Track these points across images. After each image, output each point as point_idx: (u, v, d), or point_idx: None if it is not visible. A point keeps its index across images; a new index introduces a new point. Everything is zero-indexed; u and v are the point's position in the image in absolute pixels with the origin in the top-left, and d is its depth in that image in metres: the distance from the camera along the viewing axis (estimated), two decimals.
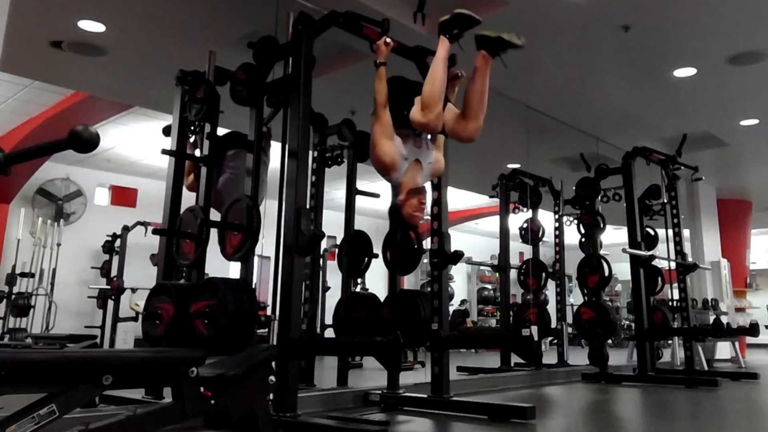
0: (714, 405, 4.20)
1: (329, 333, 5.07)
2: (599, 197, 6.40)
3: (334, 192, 7.66)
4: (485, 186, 6.95)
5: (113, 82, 5.80)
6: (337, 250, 4.53)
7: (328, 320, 4.90)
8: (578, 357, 6.76)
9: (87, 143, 1.33)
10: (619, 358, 7.54)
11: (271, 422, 1.94)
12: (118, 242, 8.19)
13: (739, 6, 4.23)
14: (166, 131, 3.80)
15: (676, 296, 6.23)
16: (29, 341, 6.70)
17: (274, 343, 2.88)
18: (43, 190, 8.77)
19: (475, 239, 12.45)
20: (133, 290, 7.75)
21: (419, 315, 3.72)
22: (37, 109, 6.91)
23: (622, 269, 7.42)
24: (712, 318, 7.13)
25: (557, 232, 6.73)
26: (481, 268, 13.62)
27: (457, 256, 3.61)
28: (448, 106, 3.02)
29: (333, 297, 4.97)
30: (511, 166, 6.84)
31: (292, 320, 2.87)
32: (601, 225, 6.31)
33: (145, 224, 7.64)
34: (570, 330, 6.91)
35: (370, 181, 5.02)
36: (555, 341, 7.24)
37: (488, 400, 3.69)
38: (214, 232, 3.20)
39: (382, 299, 4.01)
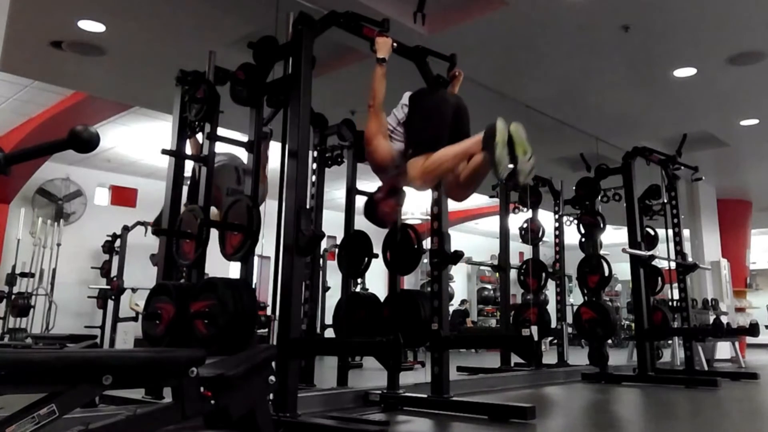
0: (714, 405, 4.20)
1: (329, 333, 5.07)
2: (599, 197, 6.40)
3: (334, 192, 7.66)
4: (485, 186, 6.92)
5: (113, 82, 5.80)
6: (337, 250, 4.53)
7: (328, 320, 4.90)
8: (578, 357, 6.76)
9: (87, 143, 1.33)
10: (619, 358, 7.54)
11: (271, 422, 1.93)
12: (118, 242, 8.19)
13: (739, 6, 4.23)
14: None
15: (676, 296, 6.23)
16: (29, 341, 6.70)
17: (274, 343, 2.88)
18: (43, 190, 8.77)
19: (475, 239, 12.45)
20: (133, 290, 7.75)
21: (419, 315, 3.72)
22: (37, 109, 6.91)
23: (622, 269, 7.42)
24: (712, 318, 7.13)
25: (557, 232, 6.72)
26: (481, 268, 13.62)
27: (457, 256, 3.61)
28: None
29: (333, 297, 4.97)
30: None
31: (292, 320, 2.87)
32: (601, 225, 6.31)
33: (145, 224, 7.64)
34: (570, 330, 6.90)
35: (370, 181, 5.00)
36: (555, 341, 7.24)
37: (488, 400, 3.69)
38: (214, 232, 3.20)
39: (382, 299, 4.01)
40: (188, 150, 3.71)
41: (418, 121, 3.03)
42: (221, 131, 3.49)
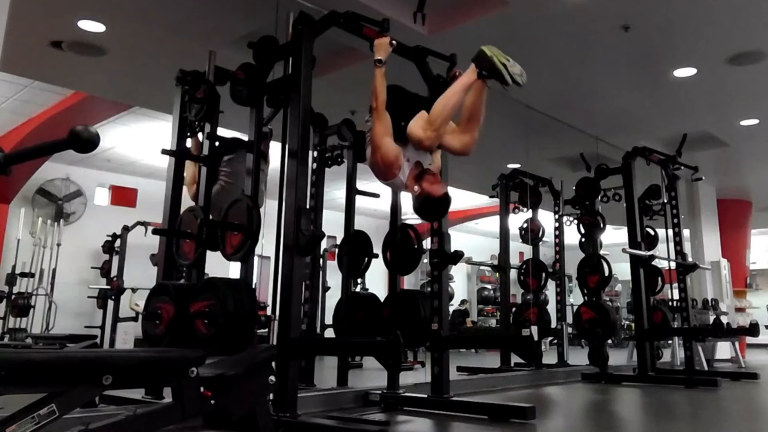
0: (714, 405, 4.20)
1: (329, 333, 5.07)
2: (599, 197, 6.41)
3: (334, 192, 7.66)
4: (485, 186, 6.95)
5: (113, 82, 5.80)
6: (337, 250, 4.53)
7: (328, 320, 4.90)
8: (578, 357, 6.76)
9: (87, 143, 1.33)
10: (619, 358, 7.54)
11: (271, 422, 1.93)
12: (118, 242, 8.19)
13: (739, 6, 4.23)
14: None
15: (676, 296, 6.23)
16: (29, 341, 6.70)
17: (274, 343, 2.88)
18: (43, 190, 8.77)
19: (475, 239, 12.46)
20: (133, 290, 7.75)
21: (419, 315, 3.72)
22: (37, 109, 6.91)
23: (622, 269, 7.42)
24: (712, 318, 7.13)
25: (557, 232, 6.72)
26: (481, 268, 13.62)
27: (457, 256, 3.61)
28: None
29: (333, 297, 4.97)
30: (511, 166, 6.84)
31: (292, 320, 2.87)
32: (601, 225, 6.32)
33: (145, 224, 7.65)
34: (570, 330, 6.91)
35: (370, 181, 4.99)
36: (555, 341, 7.24)
37: (488, 400, 3.70)
38: None
39: (382, 299, 4.01)
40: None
41: (393, 104, 3.04)
42: (221, 131, 3.49)
